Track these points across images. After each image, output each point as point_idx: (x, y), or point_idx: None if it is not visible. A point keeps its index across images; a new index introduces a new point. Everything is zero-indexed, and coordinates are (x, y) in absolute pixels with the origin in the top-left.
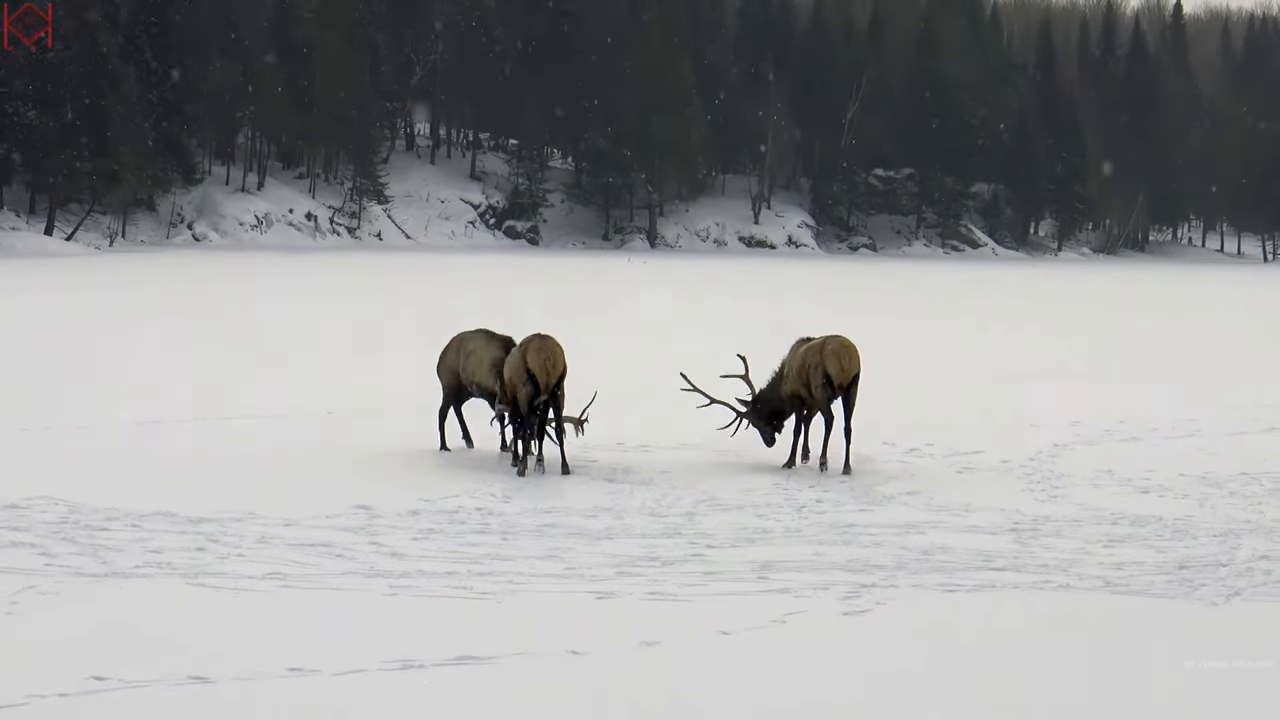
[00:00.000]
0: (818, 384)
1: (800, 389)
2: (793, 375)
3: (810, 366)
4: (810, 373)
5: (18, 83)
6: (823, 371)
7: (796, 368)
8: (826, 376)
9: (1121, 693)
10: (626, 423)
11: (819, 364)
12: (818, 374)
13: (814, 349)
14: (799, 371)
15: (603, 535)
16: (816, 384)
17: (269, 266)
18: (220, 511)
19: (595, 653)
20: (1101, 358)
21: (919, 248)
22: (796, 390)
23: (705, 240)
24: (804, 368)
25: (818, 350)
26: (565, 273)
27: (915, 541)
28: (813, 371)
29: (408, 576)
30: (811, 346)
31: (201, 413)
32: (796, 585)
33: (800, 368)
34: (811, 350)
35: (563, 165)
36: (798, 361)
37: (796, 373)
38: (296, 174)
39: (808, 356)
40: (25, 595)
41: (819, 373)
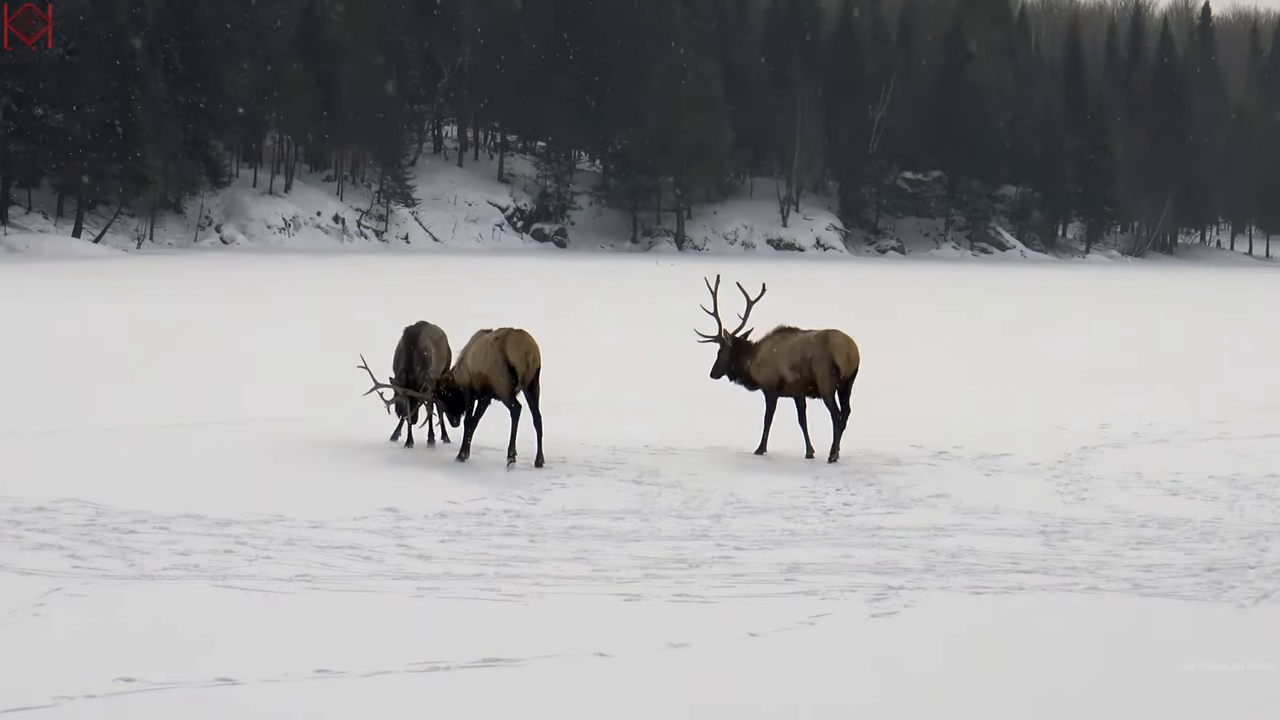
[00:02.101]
0: (823, 375)
1: (787, 376)
2: (777, 362)
3: (814, 358)
4: (814, 364)
5: (46, 85)
6: (830, 363)
7: (793, 359)
8: (834, 367)
9: (1150, 695)
10: (653, 425)
11: (825, 356)
12: (823, 365)
13: (816, 341)
14: (798, 363)
15: (630, 537)
16: (822, 374)
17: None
18: (248, 514)
19: (622, 655)
20: (1130, 360)
21: (947, 250)
22: (781, 376)
23: (733, 243)
24: (805, 360)
25: (822, 342)
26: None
27: (943, 544)
28: (816, 363)
29: (435, 578)
30: (811, 338)
31: (229, 415)
32: (824, 587)
33: (800, 359)
34: (813, 343)
35: (590, 168)
36: (794, 352)
37: (791, 364)
38: (324, 177)
39: (808, 348)
40: (53, 597)
41: (825, 364)
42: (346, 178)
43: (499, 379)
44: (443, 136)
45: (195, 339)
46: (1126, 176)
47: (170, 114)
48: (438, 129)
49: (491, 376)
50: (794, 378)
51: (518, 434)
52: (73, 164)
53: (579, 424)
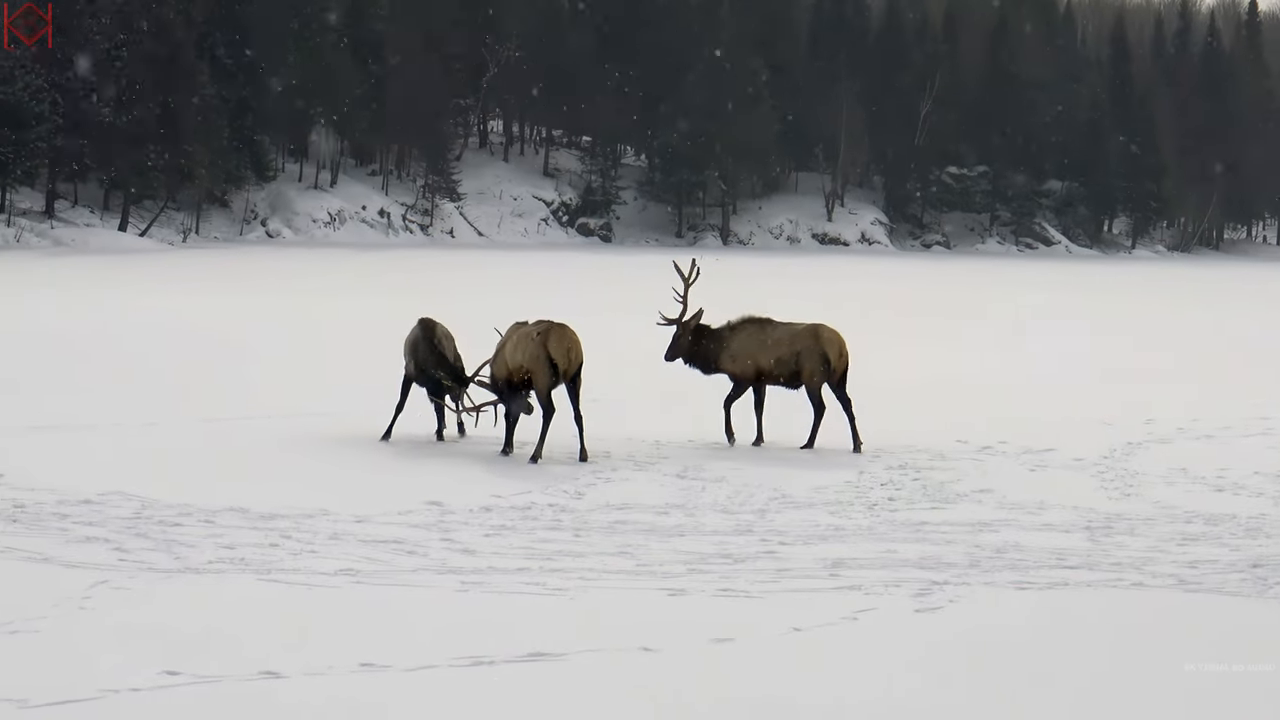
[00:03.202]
0: (814, 368)
1: (769, 367)
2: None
3: (805, 351)
4: (804, 357)
5: (92, 80)
6: (821, 356)
7: (779, 351)
8: (826, 361)
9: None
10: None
11: (817, 350)
12: (814, 359)
13: (806, 335)
14: (784, 355)
15: (674, 532)
16: (813, 368)
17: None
18: (293, 508)
19: (667, 649)
20: (1175, 355)
21: (992, 245)
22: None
23: (778, 238)
24: (793, 352)
25: (813, 337)
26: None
27: (988, 539)
28: (807, 356)
29: (479, 573)
30: (799, 332)
31: (273, 409)
32: (868, 582)
33: (789, 352)
34: (802, 336)
35: (636, 162)
36: (779, 345)
37: (777, 357)
38: (369, 171)
39: (797, 341)
40: (99, 590)
41: (816, 358)
42: (392, 172)
43: (540, 373)
44: (488, 131)
45: (240, 332)
46: (1172, 172)
47: (217, 109)
48: (483, 123)
49: (533, 370)
50: (777, 369)
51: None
52: (119, 158)
53: (623, 418)
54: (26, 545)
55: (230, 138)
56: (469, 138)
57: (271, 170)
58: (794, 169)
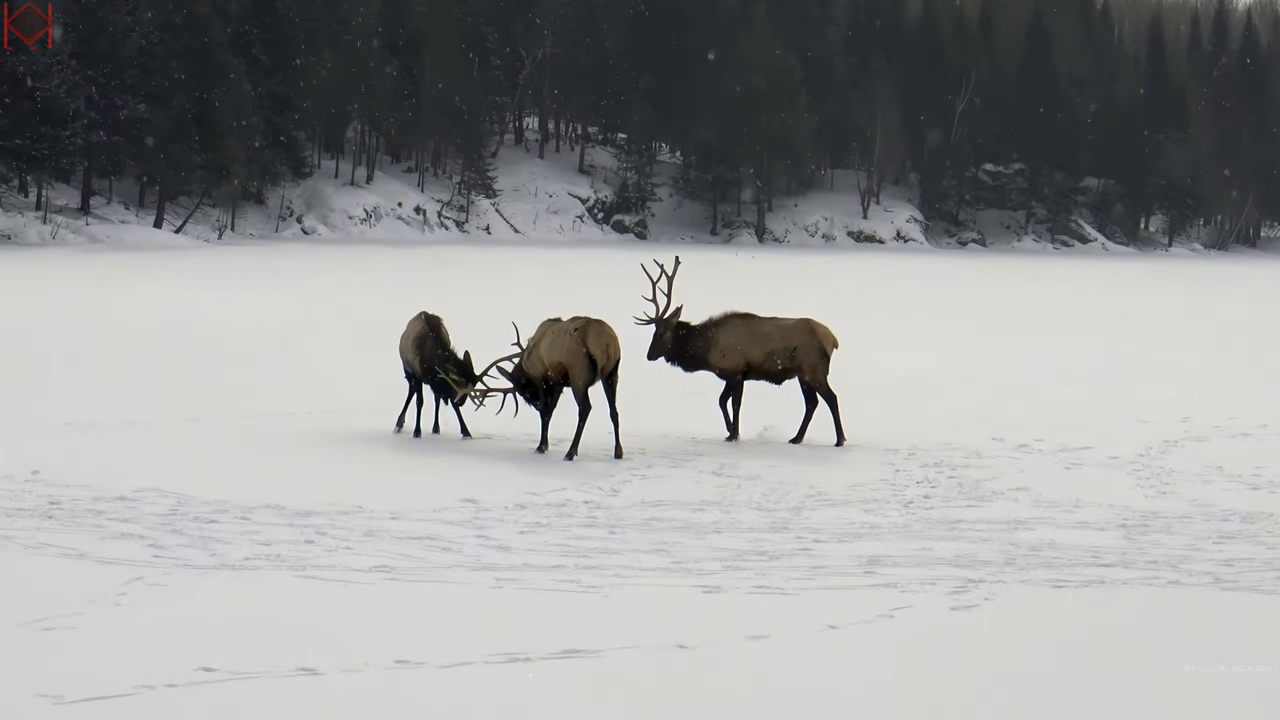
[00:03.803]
0: (813, 362)
1: (761, 361)
2: (747, 348)
3: (801, 347)
4: (801, 352)
5: (128, 76)
6: (820, 350)
7: (770, 346)
8: (824, 355)
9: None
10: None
11: (814, 344)
12: (812, 353)
13: (800, 329)
14: (777, 350)
15: (710, 529)
16: (812, 362)
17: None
18: (328, 505)
19: (702, 646)
20: (1212, 353)
21: (1028, 243)
22: (749, 361)
23: (813, 235)
24: (786, 347)
25: (808, 331)
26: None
27: (1023, 537)
28: (804, 351)
29: (514, 569)
30: (791, 326)
31: (310, 406)
32: (904, 580)
33: (781, 347)
34: (795, 331)
35: (671, 159)
36: (770, 339)
37: (768, 351)
38: (405, 168)
39: (790, 336)
40: (134, 586)
41: (814, 352)
42: (428, 169)
43: (578, 370)
44: (524, 128)
45: (278, 329)
46: (1209, 169)
47: (252, 105)
48: (519, 120)
49: (571, 367)
50: (768, 364)
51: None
52: (154, 154)
53: (658, 415)
54: (62, 542)
55: (266, 134)
56: (504, 134)
57: (307, 167)
58: (829, 166)
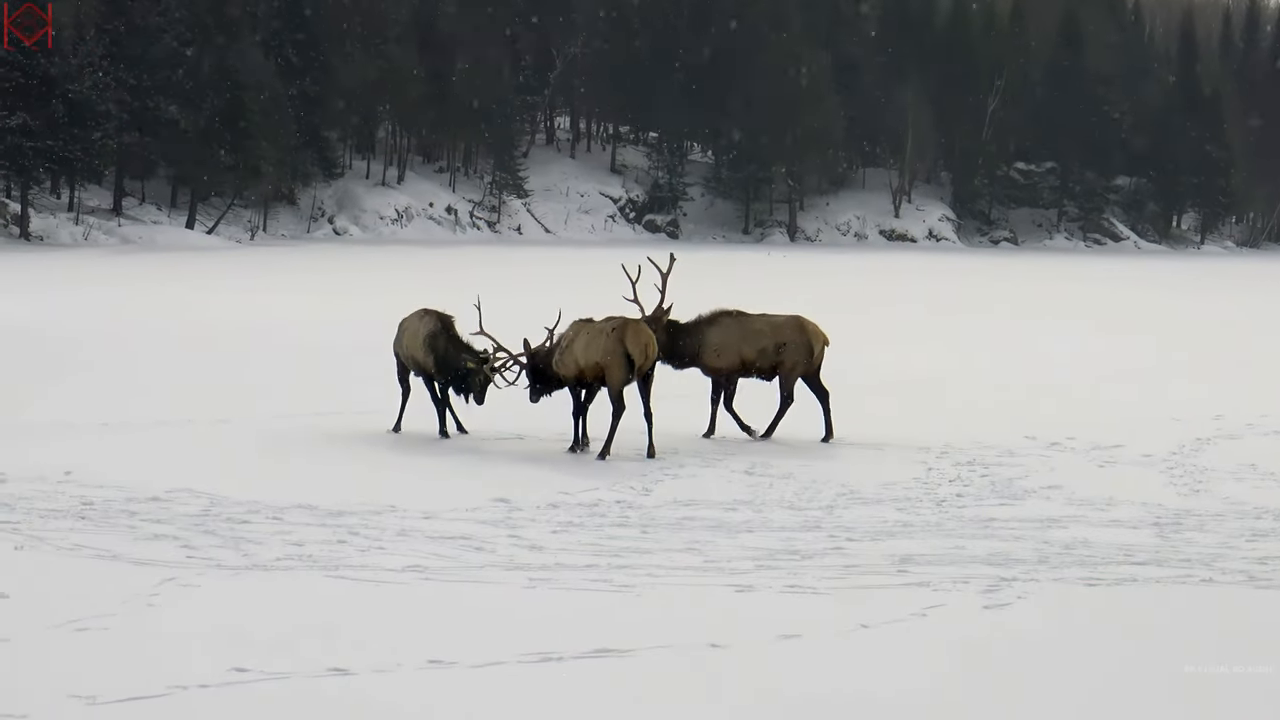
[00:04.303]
0: (797, 360)
1: (752, 358)
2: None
3: (790, 344)
4: (789, 350)
5: (159, 77)
6: (808, 348)
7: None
8: (810, 353)
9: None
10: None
11: (803, 342)
12: (800, 351)
13: (790, 327)
14: (767, 347)
15: (742, 528)
16: (796, 360)
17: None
18: (360, 505)
19: (734, 645)
20: (1245, 351)
21: (1060, 241)
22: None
23: (845, 234)
24: (776, 344)
25: (798, 329)
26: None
27: (1057, 535)
28: (793, 349)
29: (547, 569)
30: (781, 323)
31: (340, 407)
32: (937, 579)
33: (771, 344)
34: (785, 328)
35: (703, 158)
36: (762, 336)
37: (760, 349)
38: (436, 168)
39: (780, 333)
40: (166, 587)
41: (802, 350)
42: (459, 169)
43: (616, 370)
44: (555, 127)
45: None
46: (1242, 167)
47: (283, 105)
48: (550, 120)
49: (608, 367)
50: (760, 360)
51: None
52: (186, 156)
53: (690, 414)
54: (95, 542)
55: (297, 135)
56: (536, 134)
57: (339, 167)
58: (861, 165)
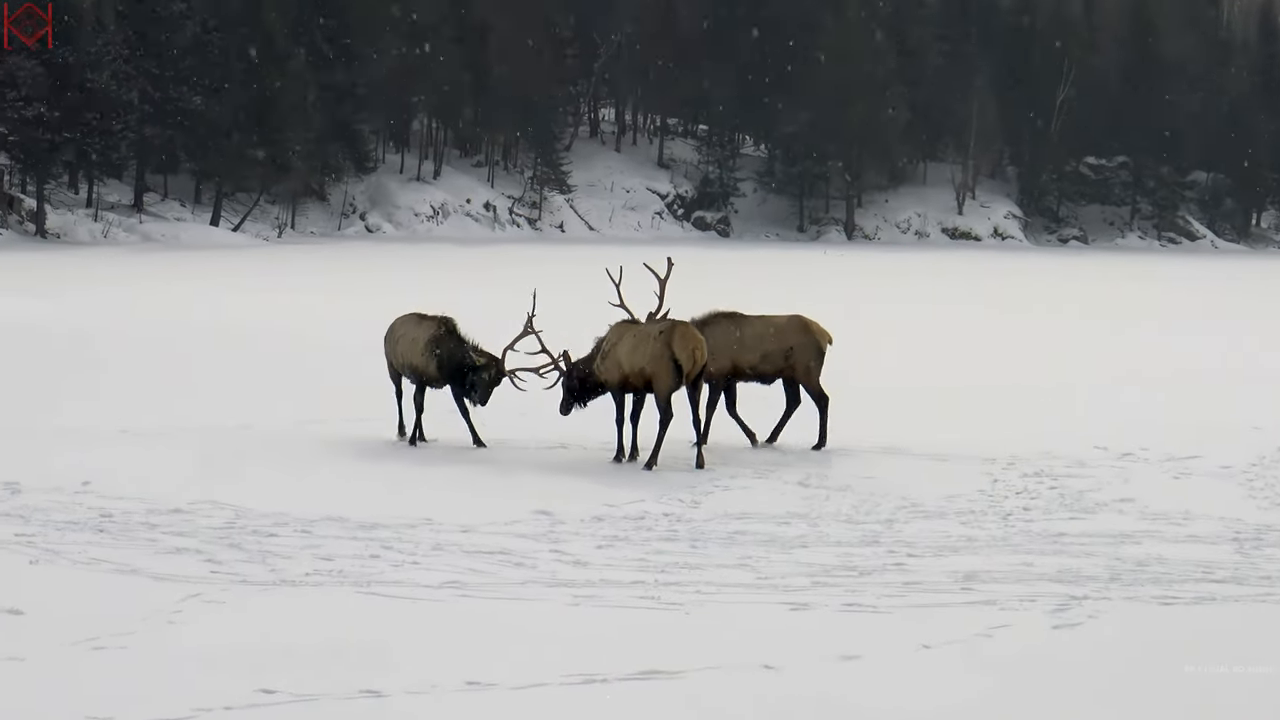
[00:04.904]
0: (808, 361)
1: (754, 362)
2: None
3: (798, 346)
4: (798, 351)
5: (183, 66)
6: (816, 349)
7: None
8: (820, 354)
9: None
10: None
11: (810, 343)
12: (809, 352)
13: (794, 328)
14: (772, 350)
15: (797, 543)
16: (806, 361)
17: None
18: (394, 517)
19: (789, 667)
20: None
21: (1133, 240)
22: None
23: (905, 232)
24: (782, 347)
25: (803, 330)
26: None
27: (1129, 552)
28: (801, 350)
29: (591, 586)
30: (784, 324)
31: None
32: (1003, 597)
33: (776, 347)
34: (789, 330)
35: (755, 152)
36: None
37: (764, 352)
38: (474, 162)
39: (785, 336)
40: (190, 604)
41: (811, 351)
42: (498, 163)
43: (663, 376)
44: (599, 119)
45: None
46: None
47: (313, 96)
48: (594, 111)
49: (655, 373)
50: (764, 364)
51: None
52: (211, 149)
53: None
54: (114, 557)
55: (328, 127)
56: (579, 126)
57: (371, 161)
58: (922, 159)
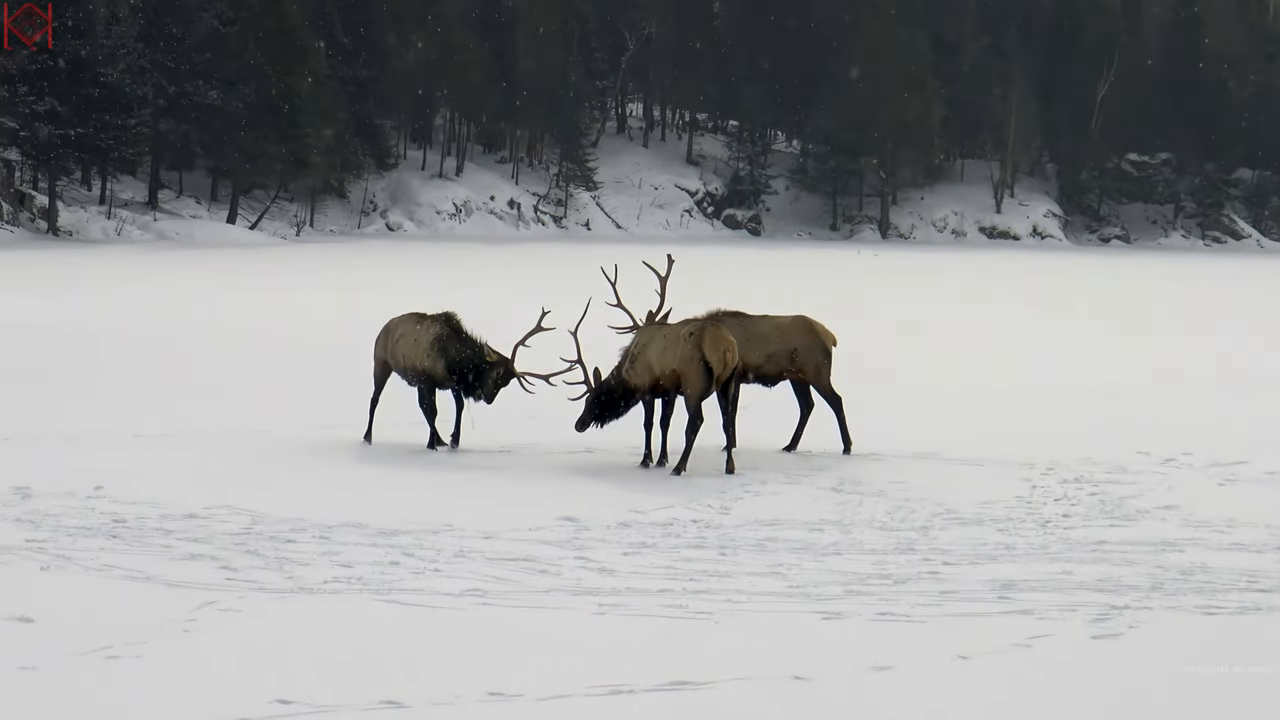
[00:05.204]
0: (816, 362)
1: (759, 363)
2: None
3: (803, 347)
4: (803, 352)
5: (199, 60)
6: (823, 350)
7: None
8: (827, 354)
9: None
10: (854, 428)
11: (816, 344)
12: (815, 353)
13: (799, 328)
14: (776, 352)
15: (829, 550)
16: (814, 362)
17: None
18: (414, 523)
19: (821, 678)
20: None
21: (1176, 239)
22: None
23: (942, 230)
24: (787, 348)
25: (807, 330)
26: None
27: (1172, 560)
28: (806, 351)
29: (617, 594)
30: (787, 324)
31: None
32: (1041, 606)
33: (780, 348)
34: (793, 330)
35: (787, 149)
36: (767, 340)
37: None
38: (498, 158)
39: (790, 336)
40: (204, 612)
41: (817, 351)
42: (522, 159)
43: (694, 378)
44: (627, 115)
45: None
46: None
47: (333, 91)
48: (621, 107)
49: (685, 375)
50: (768, 366)
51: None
52: (227, 145)
53: (774, 428)
54: (127, 564)
55: (348, 122)
56: (606, 122)
57: (392, 158)
58: (959, 156)
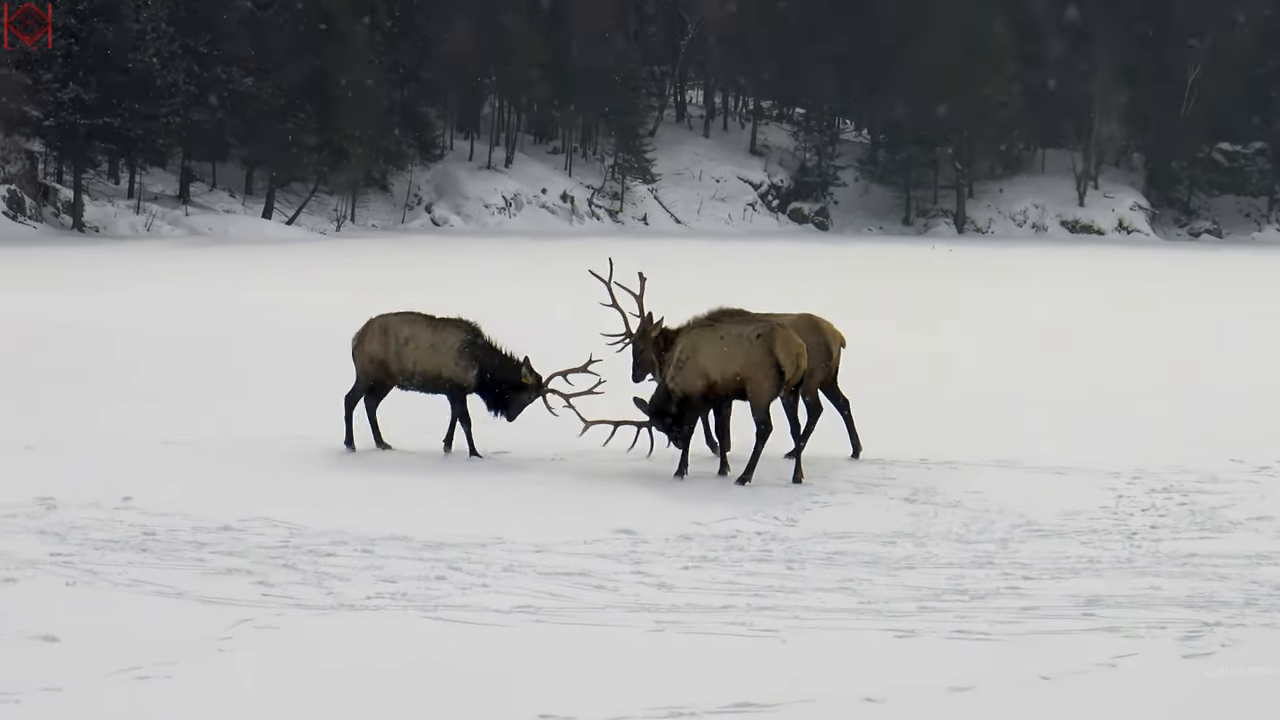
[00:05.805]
0: (815, 364)
1: None
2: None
3: (807, 345)
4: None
5: (233, 45)
6: (826, 350)
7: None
8: (828, 355)
9: None
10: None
11: (820, 343)
12: (816, 353)
13: (804, 327)
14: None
15: (902, 565)
16: (813, 365)
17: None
18: (462, 536)
19: (894, 699)
20: None
21: (1270, 233)
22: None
23: (1021, 225)
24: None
25: (812, 328)
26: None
27: (1267, 574)
28: (811, 351)
29: (677, 611)
30: (793, 324)
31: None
32: (1128, 623)
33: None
34: (799, 329)
35: (857, 138)
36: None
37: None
38: (550, 149)
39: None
40: (240, 630)
41: (820, 352)
42: (576, 150)
43: (763, 383)
44: (686, 103)
45: None
46: None
47: (375, 77)
48: (681, 94)
49: (753, 379)
50: None
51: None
52: (263, 135)
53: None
54: (158, 578)
55: (391, 111)
56: (664, 110)
57: (438, 148)
58: (1040, 146)
